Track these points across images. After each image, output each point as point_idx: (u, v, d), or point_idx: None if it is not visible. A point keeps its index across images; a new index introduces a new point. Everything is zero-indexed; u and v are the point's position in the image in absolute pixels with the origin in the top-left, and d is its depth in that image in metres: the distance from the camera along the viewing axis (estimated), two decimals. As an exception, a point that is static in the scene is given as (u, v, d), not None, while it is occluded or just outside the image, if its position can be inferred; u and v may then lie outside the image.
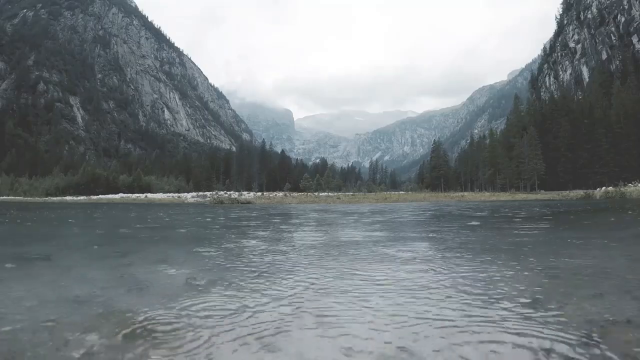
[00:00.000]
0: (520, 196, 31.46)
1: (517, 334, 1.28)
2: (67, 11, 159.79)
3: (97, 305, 1.66)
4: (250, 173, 77.78)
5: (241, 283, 2.11)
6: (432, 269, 2.44)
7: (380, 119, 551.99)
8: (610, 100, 54.21)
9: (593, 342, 1.19)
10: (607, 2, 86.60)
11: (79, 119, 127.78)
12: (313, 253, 3.25)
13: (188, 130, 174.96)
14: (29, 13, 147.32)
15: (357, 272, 2.37)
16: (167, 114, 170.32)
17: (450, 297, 1.77)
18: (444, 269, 2.45)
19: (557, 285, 1.96)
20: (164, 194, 40.43)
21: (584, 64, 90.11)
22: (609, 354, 1.12)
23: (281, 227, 6.41)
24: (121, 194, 40.96)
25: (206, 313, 1.55)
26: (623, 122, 48.24)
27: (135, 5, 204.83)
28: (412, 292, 1.88)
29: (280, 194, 39.86)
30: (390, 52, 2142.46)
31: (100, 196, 38.67)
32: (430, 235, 4.86)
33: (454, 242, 3.86)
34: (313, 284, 2.08)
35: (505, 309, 1.57)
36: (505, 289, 1.91)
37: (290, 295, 1.82)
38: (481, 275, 2.24)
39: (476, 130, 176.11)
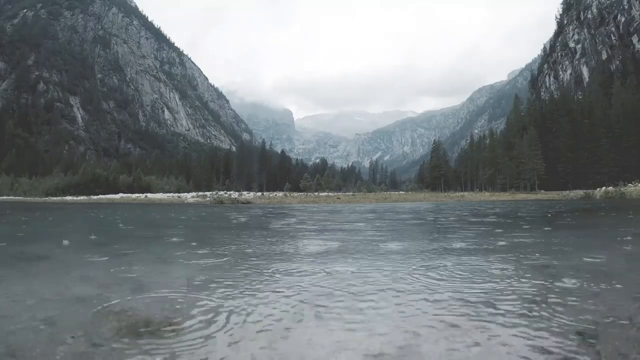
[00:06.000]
0: (521, 196, 31.48)
1: (515, 332, 1.27)
2: (67, 11, 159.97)
3: (98, 304, 1.67)
4: (250, 173, 77.94)
5: (241, 282, 2.11)
6: (428, 266, 2.44)
7: (380, 119, 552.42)
8: (610, 100, 54.27)
9: (593, 342, 1.19)
10: (607, 2, 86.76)
11: (79, 119, 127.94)
12: (315, 254, 3.25)
13: (188, 130, 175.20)
14: (29, 13, 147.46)
15: (357, 271, 2.37)
16: (167, 114, 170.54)
17: (449, 294, 1.76)
18: (440, 265, 2.45)
19: (556, 284, 1.96)
20: (164, 194, 40.40)
21: (584, 64, 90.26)
22: (608, 353, 1.12)
23: (280, 226, 6.41)
24: (121, 194, 40.90)
25: (206, 312, 1.55)
26: (623, 122, 48.30)
27: (135, 5, 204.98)
28: (415, 291, 1.87)
29: (280, 194, 39.89)
30: (390, 52, 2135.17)
31: (100, 196, 38.62)
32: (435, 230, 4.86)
33: (444, 235, 3.86)
34: (314, 284, 2.08)
35: (503, 307, 1.57)
36: (503, 287, 1.90)
37: (291, 295, 1.83)
38: (479, 273, 2.24)
39: (476, 130, 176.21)
